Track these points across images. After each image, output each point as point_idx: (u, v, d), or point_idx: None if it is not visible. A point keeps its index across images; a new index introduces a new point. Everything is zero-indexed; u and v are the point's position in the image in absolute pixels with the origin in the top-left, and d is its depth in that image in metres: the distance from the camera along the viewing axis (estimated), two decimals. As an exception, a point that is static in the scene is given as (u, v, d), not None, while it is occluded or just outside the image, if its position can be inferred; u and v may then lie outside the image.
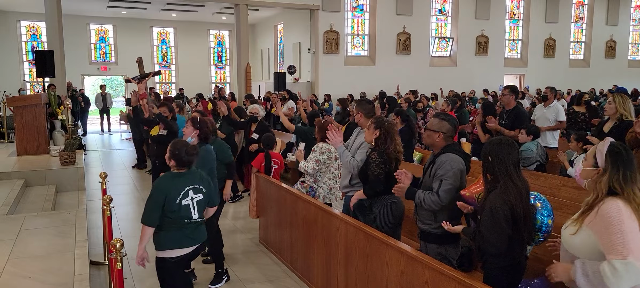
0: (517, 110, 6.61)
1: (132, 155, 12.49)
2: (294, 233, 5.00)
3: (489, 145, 3.00)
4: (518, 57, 22.56)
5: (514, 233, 2.84)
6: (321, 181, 5.27)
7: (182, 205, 3.40)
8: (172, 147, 3.49)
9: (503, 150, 2.93)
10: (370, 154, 3.91)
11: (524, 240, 2.95)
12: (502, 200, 2.83)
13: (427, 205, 3.44)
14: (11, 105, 9.15)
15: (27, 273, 3.65)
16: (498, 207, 2.82)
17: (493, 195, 2.89)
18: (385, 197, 3.92)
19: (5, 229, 4.72)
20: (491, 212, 2.85)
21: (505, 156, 2.91)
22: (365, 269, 3.70)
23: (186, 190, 3.44)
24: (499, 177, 2.89)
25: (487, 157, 2.95)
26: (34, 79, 19.05)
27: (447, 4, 20.74)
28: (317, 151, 5.24)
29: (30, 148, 8.82)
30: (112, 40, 21.80)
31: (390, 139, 3.89)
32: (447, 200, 3.37)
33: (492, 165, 2.92)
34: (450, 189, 3.37)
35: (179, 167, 3.49)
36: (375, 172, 3.83)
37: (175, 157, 3.46)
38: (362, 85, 17.73)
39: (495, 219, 2.82)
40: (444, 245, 3.49)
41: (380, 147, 3.87)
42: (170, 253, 3.47)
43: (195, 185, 3.52)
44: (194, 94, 17.40)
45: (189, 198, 3.45)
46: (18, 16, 19.59)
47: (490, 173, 2.94)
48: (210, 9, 19.57)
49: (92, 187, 8.56)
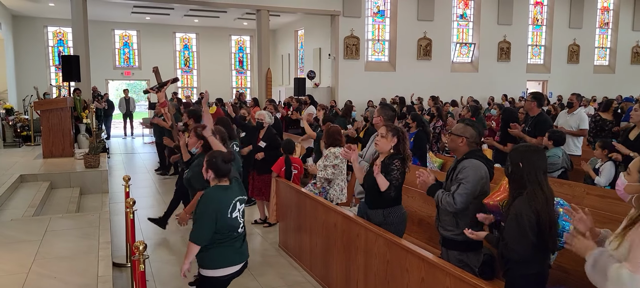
0: (540, 117, 6.53)
1: (154, 158, 12.67)
2: (313, 238, 5.00)
3: (519, 151, 2.96)
4: (541, 63, 22.23)
5: (538, 241, 2.80)
6: (334, 183, 5.31)
7: (231, 218, 3.23)
8: (208, 157, 3.29)
9: (534, 156, 2.90)
10: (394, 160, 3.88)
11: (549, 249, 2.90)
12: (528, 206, 2.79)
13: (442, 205, 3.43)
14: (38, 109, 9.36)
15: (52, 273, 3.72)
16: (524, 214, 2.78)
17: (519, 201, 2.85)
18: (398, 207, 3.91)
19: (31, 230, 4.83)
20: (516, 219, 2.81)
21: (537, 163, 2.88)
22: (385, 275, 3.68)
23: (234, 202, 3.26)
24: (527, 183, 2.85)
25: (518, 163, 2.90)
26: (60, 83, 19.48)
27: (469, 9, 20.57)
28: (331, 156, 5.29)
29: (55, 151, 8.99)
30: (135, 45, 22.18)
31: (404, 145, 3.90)
32: (461, 204, 3.33)
33: (522, 172, 2.88)
34: (467, 194, 3.33)
35: (219, 178, 3.27)
36: (395, 177, 3.81)
37: (213, 167, 3.24)
38: (382, 91, 17.70)
39: (520, 226, 2.79)
40: (465, 252, 3.45)
41: (401, 154, 3.85)
42: (221, 271, 3.28)
43: (242, 195, 3.36)
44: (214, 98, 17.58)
45: (236, 210, 3.28)
46: (45, 22, 20.07)
47: (519, 179, 2.90)
48: (232, 15, 19.76)
49: (115, 190, 8.70)
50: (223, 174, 3.26)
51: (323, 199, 4.99)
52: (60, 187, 7.41)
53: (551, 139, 5.97)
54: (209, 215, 3.13)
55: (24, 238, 4.58)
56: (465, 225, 3.33)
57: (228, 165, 3.27)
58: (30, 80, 18.73)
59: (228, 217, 3.19)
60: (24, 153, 9.91)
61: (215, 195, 3.20)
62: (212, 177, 3.26)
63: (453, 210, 3.39)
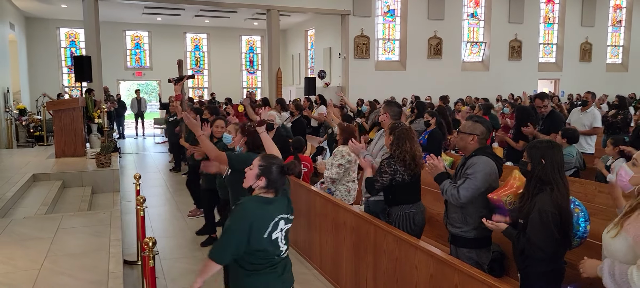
0: (553, 115, 6.50)
1: (165, 158, 12.77)
2: (323, 236, 5.00)
3: (540, 148, 2.95)
4: (553, 62, 22.04)
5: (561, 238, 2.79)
6: (339, 183, 5.30)
7: (271, 240, 2.60)
8: (265, 161, 2.66)
9: (554, 152, 2.90)
10: (383, 160, 3.90)
11: (567, 245, 2.89)
12: (552, 203, 2.78)
13: (446, 196, 3.42)
14: (50, 109, 9.47)
15: (64, 269, 3.76)
16: (548, 210, 2.77)
17: (541, 198, 2.83)
18: (403, 206, 3.89)
19: (44, 228, 4.88)
20: (540, 215, 2.79)
21: (557, 158, 2.88)
22: (394, 272, 3.67)
23: (277, 221, 2.63)
24: (551, 180, 2.84)
25: (540, 159, 2.89)
26: (72, 84, 19.68)
27: (480, 8, 20.45)
28: (338, 156, 5.27)
29: (68, 150, 9.08)
30: (147, 46, 22.33)
31: (404, 144, 3.81)
32: (464, 199, 3.31)
33: (544, 168, 2.87)
34: (472, 189, 3.29)
35: (268, 189, 2.65)
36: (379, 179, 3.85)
37: (268, 175, 2.62)
38: (392, 90, 17.66)
39: (544, 223, 2.77)
40: (474, 249, 3.42)
41: (394, 153, 3.83)
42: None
43: (288, 213, 2.73)
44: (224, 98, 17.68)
45: (278, 229, 2.64)
46: (58, 23, 20.28)
47: (541, 176, 2.88)
48: (242, 15, 19.83)
49: (126, 189, 8.78)
50: (275, 187, 2.66)
51: (333, 197, 4.98)
52: (72, 186, 7.49)
53: (565, 136, 5.91)
54: (241, 231, 2.51)
55: (36, 235, 4.63)
56: (474, 222, 3.31)
57: (284, 178, 2.70)
58: (43, 81, 18.96)
59: (265, 237, 2.56)
60: (36, 153, 10.03)
61: (253, 209, 2.57)
62: (262, 185, 2.64)
63: (456, 203, 3.37)
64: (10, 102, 14.06)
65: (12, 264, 3.85)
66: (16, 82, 16.01)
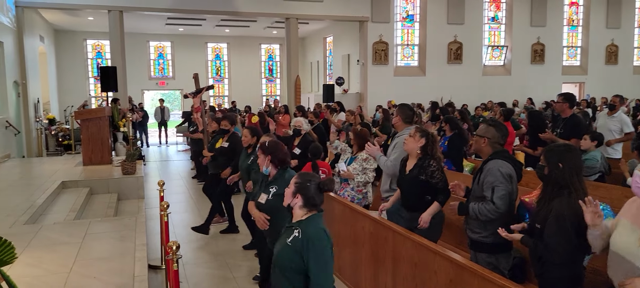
0: (574, 119, 6.36)
1: (188, 165, 12.98)
2: (341, 241, 5.04)
3: (557, 152, 2.94)
4: (577, 65, 21.68)
5: (579, 242, 2.77)
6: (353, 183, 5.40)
7: None
8: (301, 180, 2.64)
9: (573, 157, 2.88)
10: (429, 162, 3.89)
11: (586, 250, 2.87)
12: (570, 208, 2.77)
13: (483, 216, 3.35)
14: (78, 119, 9.74)
15: (92, 273, 3.89)
16: (566, 215, 2.76)
17: (559, 202, 2.82)
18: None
19: (72, 233, 5.04)
20: (557, 220, 2.78)
21: (575, 162, 2.86)
22: (413, 277, 3.69)
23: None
24: (569, 184, 2.83)
25: (558, 163, 2.88)
26: (99, 94, 20.14)
27: (501, 11, 20.27)
28: (360, 159, 5.39)
29: (94, 158, 9.31)
30: (169, 56, 22.74)
31: (435, 147, 3.91)
32: (504, 207, 3.30)
33: (562, 172, 2.86)
34: (505, 195, 3.30)
35: (310, 208, 2.61)
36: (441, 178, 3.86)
37: (305, 193, 2.59)
38: (411, 95, 17.57)
39: (562, 227, 2.76)
40: (494, 255, 3.42)
41: (431, 153, 3.87)
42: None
43: None
44: (244, 106, 17.90)
45: None
46: (85, 35, 20.83)
47: (559, 180, 2.87)
48: (262, 24, 20.06)
49: (150, 195, 8.95)
50: (315, 204, 2.61)
51: (351, 203, 5.03)
52: (99, 193, 7.68)
53: (594, 140, 5.81)
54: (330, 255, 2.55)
55: (65, 240, 4.79)
56: (493, 227, 3.31)
57: (322, 194, 2.65)
58: (71, 91, 19.50)
59: None
60: (65, 161, 10.31)
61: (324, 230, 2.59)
62: (300, 204, 2.60)
63: (497, 216, 3.31)
64: (40, 112, 14.49)
65: (43, 268, 4.00)
66: (46, 92, 16.49)
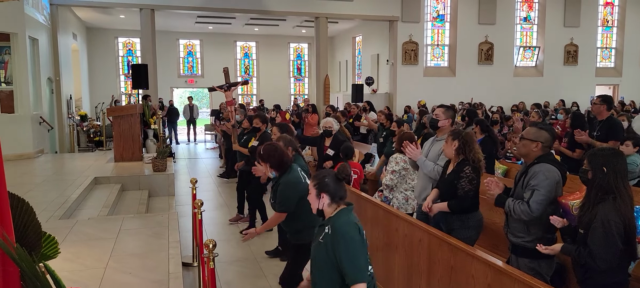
0: (611, 121, 6.17)
1: (216, 163, 13.10)
2: (373, 242, 4.98)
3: (602, 156, 2.86)
4: (611, 67, 21.06)
5: (625, 249, 2.68)
6: (396, 191, 5.26)
7: None
8: (318, 179, 2.63)
9: (617, 160, 2.80)
10: (464, 168, 3.83)
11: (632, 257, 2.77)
12: (616, 213, 2.69)
13: (516, 214, 3.31)
14: (110, 115, 9.92)
15: (127, 269, 3.94)
16: (612, 221, 2.68)
17: (604, 207, 2.73)
18: (476, 213, 3.87)
19: (107, 228, 5.12)
20: (603, 226, 2.70)
21: (620, 166, 2.77)
22: (449, 282, 3.61)
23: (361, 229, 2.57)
24: (614, 188, 2.74)
25: (602, 167, 2.80)
26: (129, 91, 20.52)
27: (533, 11, 19.84)
28: (393, 162, 5.26)
29: (126, 155, 9.49)
30: (198, 54, 22.99)
31: (469, 148, 3.83)
32: (538, 212, 3.22)
33: (607, 177, 2.78)
34: (543, 201, 3.21)
35: (337, 202, 2.59)
36: (465, 188, 3.77)
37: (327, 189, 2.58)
38: (441, 96, 17.35)
39: (608, 233, 2.68)
40: (536, 260, 3.32)
41: (469, 157, 3.80)
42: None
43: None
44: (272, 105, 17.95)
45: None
46: (116, 33, 21.23)
47: (603, 184, 2.79)
48: (291, 23, 20.10)
49: (180, 192, 9.05)
50: (341, 196, 2.60)
51: (384, 204, 4.96)
52: (130, 189, 7.81)
53: (637, 144, 5.62)
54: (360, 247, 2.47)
55: (100, 235, 4.86)
56: (536, 232, 3.23)
57: (342, 183, 2.63)
58: (102, 88, 19.89)
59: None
60: (96, 157, 10.52)
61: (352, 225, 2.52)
62: (327, 203, 2.58)
63: (529, 218, 3.26)
64: (72, 108, 14.83)
65: (80, 262, 4.06)
66: (78, 89, 16.86)
